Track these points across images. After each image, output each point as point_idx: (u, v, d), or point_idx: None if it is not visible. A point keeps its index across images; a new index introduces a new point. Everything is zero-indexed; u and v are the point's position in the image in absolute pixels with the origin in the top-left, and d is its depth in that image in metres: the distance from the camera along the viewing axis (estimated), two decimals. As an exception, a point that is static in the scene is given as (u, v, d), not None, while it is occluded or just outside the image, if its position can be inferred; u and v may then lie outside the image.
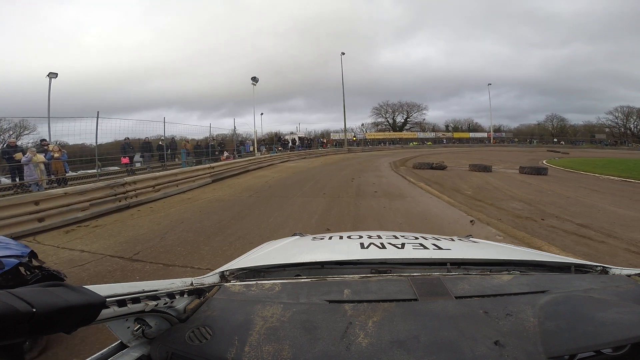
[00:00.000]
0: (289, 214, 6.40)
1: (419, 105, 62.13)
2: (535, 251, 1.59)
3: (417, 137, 52.88)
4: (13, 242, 2.53)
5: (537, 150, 37.19)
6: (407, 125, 62.82)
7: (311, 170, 15.51)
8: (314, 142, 36.22)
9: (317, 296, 0.78)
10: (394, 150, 39.41)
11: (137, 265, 3.95)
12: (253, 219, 6.08)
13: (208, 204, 7.74)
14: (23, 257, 2.33)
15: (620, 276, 0.92)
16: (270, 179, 12.42)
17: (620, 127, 55.49)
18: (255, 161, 17.86)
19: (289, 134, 37.14)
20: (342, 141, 38.33)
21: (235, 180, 12.59)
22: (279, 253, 1.45)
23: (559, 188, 9.47)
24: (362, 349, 0.58)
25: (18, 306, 0.37)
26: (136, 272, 3.75)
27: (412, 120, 63.01)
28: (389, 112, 63.47)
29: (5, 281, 2.18)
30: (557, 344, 0.57)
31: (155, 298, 0.65)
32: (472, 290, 0.78)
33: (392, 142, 47.90)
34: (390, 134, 54.34)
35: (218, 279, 0.98)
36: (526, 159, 22.04)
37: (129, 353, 0.65)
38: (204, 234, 5.15)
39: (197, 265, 3.83)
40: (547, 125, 59.30)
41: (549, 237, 4.73)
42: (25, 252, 2.39)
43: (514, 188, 9.41)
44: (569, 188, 9.51)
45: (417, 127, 60.39)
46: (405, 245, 1.24)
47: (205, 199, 8.56)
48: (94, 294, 0.49)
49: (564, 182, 11.01)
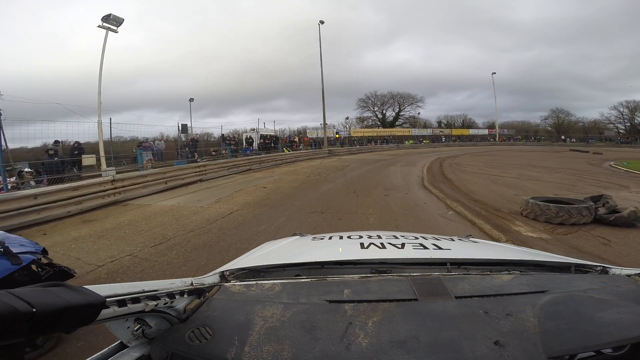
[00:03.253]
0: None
1: (413, 96, 53.61)
2: (535, 251, 1.58)
3: (411, 134, 44.21)
4: (25, 240, 2.56)
5: (562, 151, 30.07)
6: (399, 120, 54.31)
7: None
8: (280, 141, 25.23)
9: (317, 296, 0.78)
10: (390, 151, 29.79)
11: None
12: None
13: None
14: (37, 253, 2.41)
15: (620, 276, 0.92)
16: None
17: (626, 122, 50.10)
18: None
19: (249, 131, 27.21)
20: (322, 140, 28.46)
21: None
22: (279, 253, 1.45)
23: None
24: (362, 349, 0.58)
25: (18, 306, 0.37)
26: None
27: (405, 114, 54.59)
28: (377, 105, 54.67)
29: (21, 277, 2.25)
30: (557, 344, 0.57)
31: (155, 298, 0.65)
32: (472, 290, 0.78)
33: (384, 141, 38.88)
34: (381, 130, 45.07)
35: (218, 279, 0.98)
36: (587, 165, 15.14)
37: (129, 353, 0.65)
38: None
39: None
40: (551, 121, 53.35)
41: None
42: (39, 249, 2.45)
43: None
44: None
45: (408, 123, 52.04)
46: (405, 245, 1.24)
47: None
48: (94, 294, 0.49)
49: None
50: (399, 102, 53.01)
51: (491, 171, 12.65)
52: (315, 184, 9.97)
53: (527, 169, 13.46)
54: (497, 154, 25.01)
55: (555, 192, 7.43)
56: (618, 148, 34.58)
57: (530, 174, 11.41)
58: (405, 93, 52.55)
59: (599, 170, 13.06)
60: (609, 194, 5.64)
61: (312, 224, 5.39)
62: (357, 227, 5.24)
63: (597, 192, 6.26)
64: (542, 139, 46.97)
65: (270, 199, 7.75)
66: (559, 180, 9.92)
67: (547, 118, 53.90)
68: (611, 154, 24.25)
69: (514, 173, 11.83)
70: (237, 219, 5.87)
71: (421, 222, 5.47)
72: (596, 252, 3.84)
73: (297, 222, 5.52)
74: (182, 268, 3.69)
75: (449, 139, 43.88)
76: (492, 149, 32.76)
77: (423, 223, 5.38)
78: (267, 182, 10.60)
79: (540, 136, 48.64)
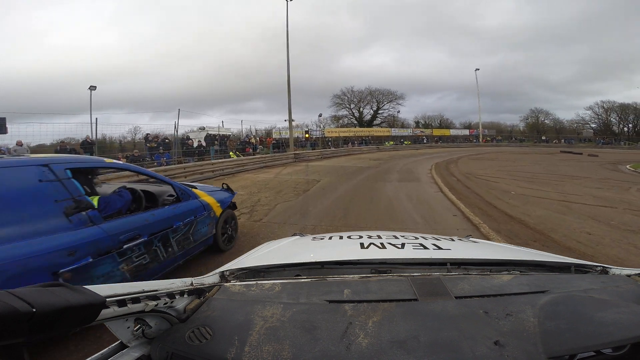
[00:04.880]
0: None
1: (393, 92, 49.48)
2: (535, 251, 1.56)
3: (391, 134, 39.87)
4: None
5: (554, 153, 28.13)
6: (377, 119, 50.03)
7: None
8: (229, 144, 17.99)
9: (317, 296, 0.78)
10: (372, 155, 24.05)
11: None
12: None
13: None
14: (231, 190, 4.10)
15: (620, 276, 0.91)
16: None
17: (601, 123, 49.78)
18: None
19: (197, 130, 21.14)
20: (288, 141, 21.13)
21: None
22: (279, 253, 1.43)
23: None
24: (362, 349, 0.58)
25: (18, 306, 0.37)
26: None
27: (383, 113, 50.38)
28: (354, 102, 50.04)
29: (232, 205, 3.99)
30: (557, 344, 0.56)
31: (155, 298, 0.65)
32: (472, 290, 0.78)
33: (362, 142, 34.07)
34: (359, 130, 40.32)
35: (218, 279, 0.97)
36: (609, 172, 13.12)
37: (129, 353, 0.65)
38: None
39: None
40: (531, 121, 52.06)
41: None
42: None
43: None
44: None
45: (387, 122, 47.95)
46: (405, 245, 1.23)
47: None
48: (94, 294, 0.49)
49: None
50: (377, 99, 48.77)
51: (525, 186, 8.80)
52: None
53: (554, 178, 10.49)
54: (493, 156, 21.71)
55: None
56: (600, 149, 33.27)
57: (575, 190, 8.25)
58: (385, 89, 48.46)
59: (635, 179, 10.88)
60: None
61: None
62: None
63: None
64: (524, 140, 45.00)
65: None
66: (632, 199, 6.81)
67: (527, 118, 52.68)
68: (607, 156, 22.63)
69: (555, 188, 8.49)
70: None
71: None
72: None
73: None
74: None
75: (431, 140, 40.22)
76: (482, 151, 29.63)
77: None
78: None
79: (521, 137, 46.77)
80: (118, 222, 2.20)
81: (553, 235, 4.63)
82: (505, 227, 5.08)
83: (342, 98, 49.05)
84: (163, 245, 2.54)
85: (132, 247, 2.20)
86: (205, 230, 3.20)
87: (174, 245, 2.68)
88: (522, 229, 5.01)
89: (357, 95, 48.64)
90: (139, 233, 2.29)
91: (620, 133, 48.13)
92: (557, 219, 5.53)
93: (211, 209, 3.33)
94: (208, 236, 3.28)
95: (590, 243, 4.21)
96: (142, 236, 2.31)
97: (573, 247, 4.09)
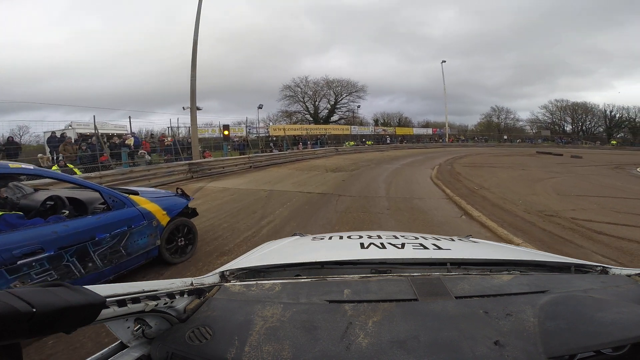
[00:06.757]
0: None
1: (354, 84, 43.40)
2: (535, 251, 1.55)
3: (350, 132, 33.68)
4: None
5: (534, 154, 24.61)
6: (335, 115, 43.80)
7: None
8: (61, 149, 9.84)
9: (317, 296, 0.77)
10: (330, 160, 17.85)
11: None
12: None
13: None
14: (188, 196, 3.68)
15: (620, 276, 0.91)
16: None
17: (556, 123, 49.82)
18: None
19: (67, 128, 14.87)
20: (196, 142, 12.77)
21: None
22: (279, 253, 1.43)
23: None
24: (362, 349, 0.57)
25: (18, 306, 0.36)
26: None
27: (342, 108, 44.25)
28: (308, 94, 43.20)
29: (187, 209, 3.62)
30: (557, 344, 0.56)
31: (155, 298, 0.64)
32: (472, 290, 0.77)
33: (318, 142, 27.41)
34: (313, 127, 33.32)
35: (218, 279, 0.97)
36: (622, 176, 11.29)
37: (129, 353, 0.64)
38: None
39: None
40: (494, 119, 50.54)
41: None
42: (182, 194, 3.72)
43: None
44: None
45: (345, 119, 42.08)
46: (405, 245, 1.23)
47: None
48: (94, 294, 0.49)
49: None
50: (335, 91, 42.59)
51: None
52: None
53: (580, 190, 7.93)
54: (492, 161, 17.34)
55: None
56: (566, 149, 31.70)
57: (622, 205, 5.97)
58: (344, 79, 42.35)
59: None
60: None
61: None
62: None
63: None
64: (488, 139, 42.57)
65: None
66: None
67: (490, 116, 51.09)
68: (592, 157, 21.28)
69: (596, 202, 6.28)
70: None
71: None
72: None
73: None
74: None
75: (395, 140, 35.21)
76: (455, 151, 25.49)
77: None
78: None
79: (485, 137, 44.39)
80: (10, 236, 2.04)
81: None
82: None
83: (295, 90, 41.65)
84: (79, 259, 2.35)
85: (30, 262, 2.06)
86: (144, 241, 2.91)
87: (97, 259, 2.47)
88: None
89: (312, 87, 41.85)
90: (42, 247, 2.14)
91: (574, 132, 48.47)
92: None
93: (154, 217, 3.01)
94: (149, 248, 2.97)
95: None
96: (47, 250, 2.16)
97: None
